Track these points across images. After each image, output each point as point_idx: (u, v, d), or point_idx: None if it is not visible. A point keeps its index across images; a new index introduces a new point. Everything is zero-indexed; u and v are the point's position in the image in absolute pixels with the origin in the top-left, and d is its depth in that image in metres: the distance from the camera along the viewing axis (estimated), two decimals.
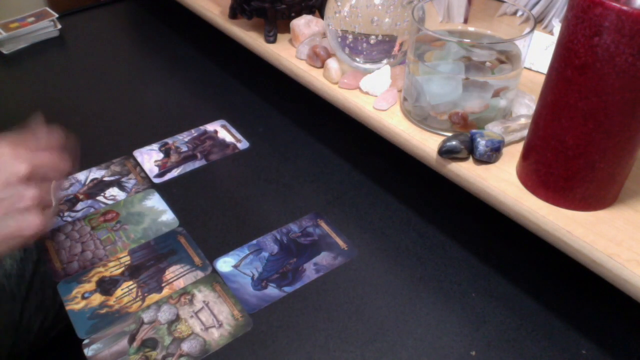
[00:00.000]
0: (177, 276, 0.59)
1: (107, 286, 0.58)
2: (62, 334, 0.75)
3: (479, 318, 0.55)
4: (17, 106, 0.88)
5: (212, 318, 0.55)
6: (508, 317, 0.55)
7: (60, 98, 0.90)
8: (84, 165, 0.74)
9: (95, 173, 0.73)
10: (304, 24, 0.75)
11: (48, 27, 1.04)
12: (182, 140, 0.79)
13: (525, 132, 0.57)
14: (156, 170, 0.74)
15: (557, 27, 0.75)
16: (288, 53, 0.75)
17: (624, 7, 0.39)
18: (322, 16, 0.79)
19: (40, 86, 0.93)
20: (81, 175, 0.73)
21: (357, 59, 0.68)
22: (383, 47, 0.66)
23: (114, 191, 0.70)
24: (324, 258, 0.61)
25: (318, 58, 0.71)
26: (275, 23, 0.77)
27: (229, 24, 0.83)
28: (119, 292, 0.57)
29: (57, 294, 0.58)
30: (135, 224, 0.65)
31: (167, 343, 0.53)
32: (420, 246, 0.62)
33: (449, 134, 0.58)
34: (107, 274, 0.59)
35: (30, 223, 0.49)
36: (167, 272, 0.59)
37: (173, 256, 0.61)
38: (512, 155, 0.56)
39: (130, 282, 0.58)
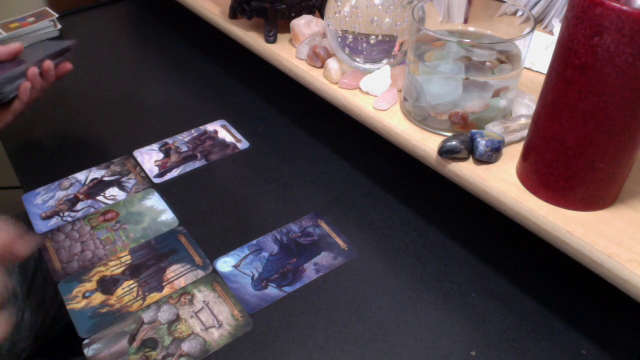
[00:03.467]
0: (178, 275, 0.59)
1: (108, 285, 0.58)
2: (61, 333, 0.75)
3: (479, 318, 0.55)
4: None
5: (212, 318, 0.55)
6: (508, 317, 0.55)
7: (60, 97, 0.90)
8: (84, 165, 0.75)
9: (95, 173, 0.73)
10: (304, 24, 0.75)
11: (48, 27, 1.04)
12: (182, 140, 0.79)
13: (525, 132, 0.57)
14: (156, 170, 0.74)
15: (557, 27, 0.75)
16: (288, 53, 0.75)
17: (624, 7, 0.39)
18: (322, 16, 0.79)
19: None
20: (81, 175, 0.73)
21: (357, 59, 0.68)
22: (383, 47, 0.66)
23: (114, 191, 0.70)
24: (324, 258, 0.61)
25: (318, 58, 0.71)
26: (275, 23, 0.77)
27: (229, 24, 0.83)
28: (119, 291, 0.58)
29: (58, 292, 0.58)
30: (135, 223, 0.65)
31: (167, 343, 0.53)
32: (420, 246, 0.62)
33: (449, 134, 0.58)
34: (108, 273, 0.60)
35: None
36: (167, 272, 0.59)
37: (174, 255, 0.61)
38: (512, 155, 0.56)
39: (131, 282, 0.58)
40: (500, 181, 0.53)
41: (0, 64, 0.71)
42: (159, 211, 0.67)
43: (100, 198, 0.69)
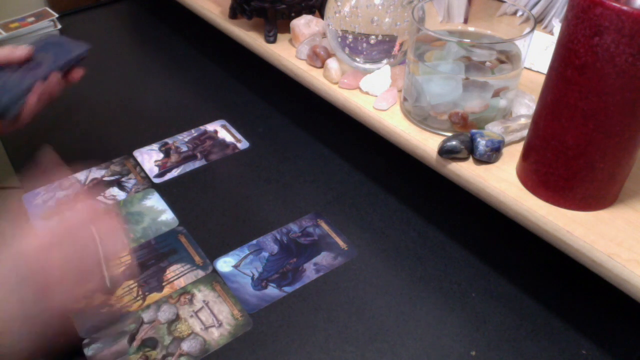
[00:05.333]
0: (178, 275, 0.59)
1: None
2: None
3: (479, 318, 0.55)
4: None
5: (212, 318, 0.55)
6: (508, 317, 0.55)
7: (60, 97, 0.90)
8: (84, 165, 0.74)
9: (95, 173, 0.73)
10: (304, 24, 0.75)
11: (48, 27, 1.04)
12: (182, 140, 0.79)
13: (525, 132, 0.57)
14: (156, 170, 0.74)
15: (557, 27, 0.75)
16: (288, 53, 0.75)
17: (624, 7, 0.39)
18: (322, 16, 0.79)
19: None
20: (81, 175, 0.73)
21: (357, 59, 0.68)
22: (383, 47, 0.66)
23: (114, 191, 0.70)
24: (324, 258, 0.61)
25: (318, 58, 0.71)
26: (275, 23, 0.77)
27: (229, 24, 0.83)
28: (119, 291, 0.58)
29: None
30: (135, 223, 0.65)
31: (167, 343, 0.53)
32: (420, 246, 0.62)
33: (449, 134, 0.58)
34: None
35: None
36: (167, 271, 0.59)
37: (174, 255, 0.61)
38: (512, 155, 0.56)
39: (131, 281, 0.58)
40: (500, 181, 0.53)
41: (9, 68, 0.68)
42: (159, 211, 0.67)
43: (100, 198, 0.69)
